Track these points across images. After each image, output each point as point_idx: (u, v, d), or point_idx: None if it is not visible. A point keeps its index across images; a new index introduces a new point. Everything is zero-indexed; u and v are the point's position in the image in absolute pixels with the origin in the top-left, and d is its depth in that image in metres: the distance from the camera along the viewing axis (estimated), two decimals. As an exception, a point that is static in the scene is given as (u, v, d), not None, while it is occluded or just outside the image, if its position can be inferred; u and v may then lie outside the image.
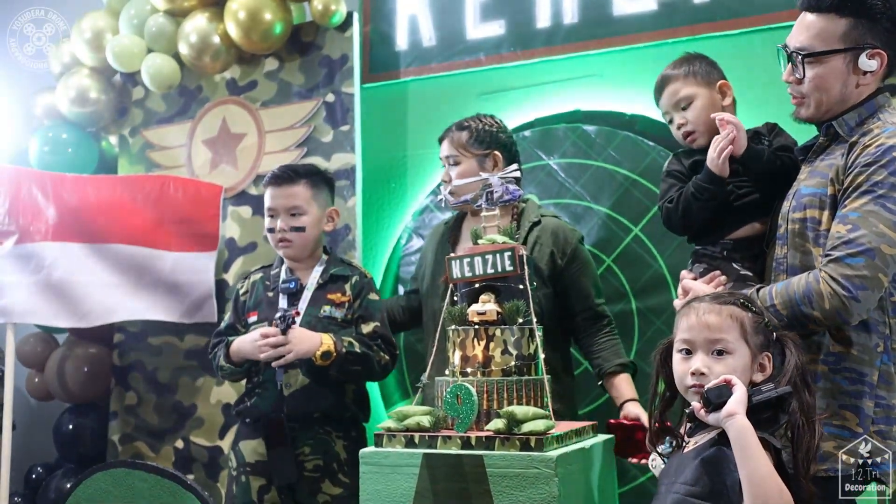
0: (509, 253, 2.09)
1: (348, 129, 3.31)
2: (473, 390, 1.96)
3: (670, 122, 2.34)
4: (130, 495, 2.36)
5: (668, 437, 1.85)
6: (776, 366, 1.73)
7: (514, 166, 2.22)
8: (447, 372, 2.10)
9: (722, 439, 1.65)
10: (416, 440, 1.96)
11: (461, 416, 1.96)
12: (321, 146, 3.35)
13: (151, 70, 3.54)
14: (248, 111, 3.52)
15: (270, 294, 2.79)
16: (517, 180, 2.23)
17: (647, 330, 2.85)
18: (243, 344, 2.67)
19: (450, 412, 1.98)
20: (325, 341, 2.59)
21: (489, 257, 2.11)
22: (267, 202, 2.81)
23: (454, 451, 1.92)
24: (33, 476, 3.89)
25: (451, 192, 2.33)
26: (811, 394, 1.71)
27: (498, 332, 2.04)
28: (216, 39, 3.44)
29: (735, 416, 1.59)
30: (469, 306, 2.10)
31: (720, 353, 1.71)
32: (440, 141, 2.75)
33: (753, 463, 1.56)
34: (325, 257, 2.84)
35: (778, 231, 2.04)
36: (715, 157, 2.15)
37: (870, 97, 1.98)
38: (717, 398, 1.62)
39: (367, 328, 2.72)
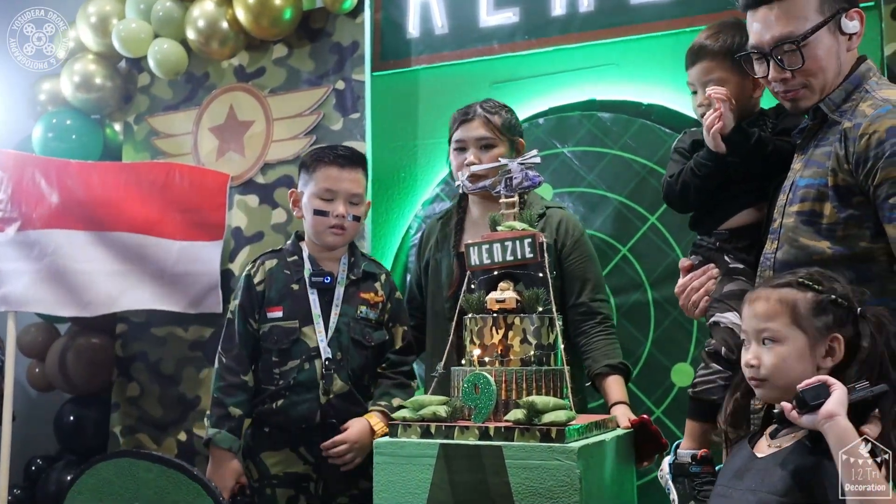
0: (529, 240, 2.04)
1: (358, 117, 3.25)
2: (492, 380, 1.91)
3: (693, 93, 2.26)
4: (135, 485, 2.31)
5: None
6: (864, 347, 1.58)
7: (535, 152, 2.16)
8: (464, 361, 2.04)
9: (814, 445, 1.53)
10: (433, 430, 1.91)
11: (479, 407, 1.91)
12: (330, 134, 3.29)
13: (158, 56, 3.48)
14: (256, 98, 3.46)
15: (296, 287, 2.58)
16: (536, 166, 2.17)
17: (663, 320, 2.79)
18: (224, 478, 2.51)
19: (467, 402, 1.93)
20: (377, 428, 2.46)
21: (508, 244, 2.05)
22: (325, 182, 2.56)
23: (472, 441, 1.87)
24: (33, 468, 3.84)
25: (468, 178, 2.27)
26: None
27: (517, 321, 1.99)
28: (224, 25, 3.38)
29: (836, 419, 1.46)
30: (487, 294, 2.05)
31: (768, 341, 1.63)
32: (462, 122, 2.58)
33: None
34: (346, 251, 2.67)
35: (772, 224, 1.96)
36: (706, 134, 2.11)
37: (852, 69, 1.89)
38: (813, 399, 1.49)
39: (398, 333, 2.63)
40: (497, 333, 1.99)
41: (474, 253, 2.09)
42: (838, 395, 1.49)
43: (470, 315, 2.04)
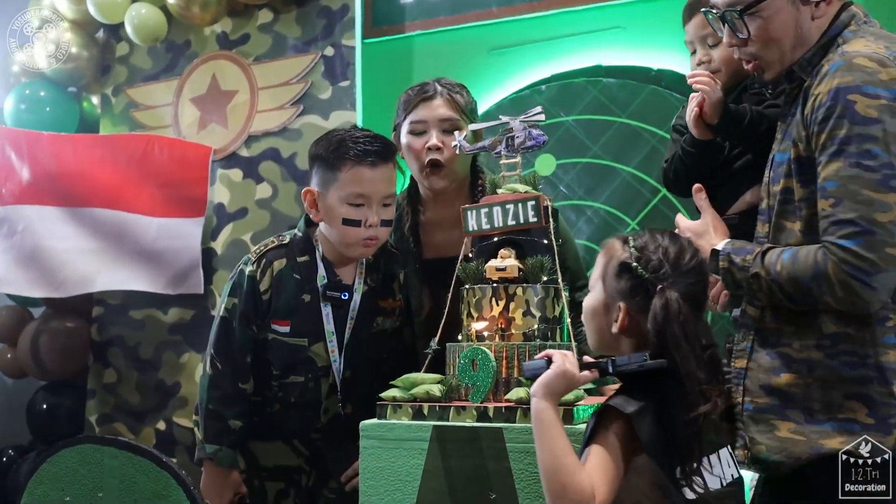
0: (533, 202, 1.85)
1: (348, 84, 3.09)
2: (492, 355, 1.73)
3: (693, 52, 2.08)
4: (99, 474, 2.14)
5: None
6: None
7: (538, 109, 1.96)
8: (461, 336, 1.86)
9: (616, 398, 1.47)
10: (425, 411, 1.74)
11: (477, 385, 1.74)
12: (319, 103, 3.13)
13: (136, 21, 3.31)
14: (240, 66, 3.29)
15: (307, 298, 2.26)
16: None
17: (675, 299, 2.63)
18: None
19: (464, 380, 1.76)
20: None
21: (510, 207, 1.86)
22: (355, 186, 2.16)
23: (469, 423, 1.70)
24: (4, 459, 3.68)
25: (465, 139, 2.08)
26: (690, 361, 1.42)
27: (519, 292, 1.80)
28: (206, -12, 3.21)
29: (532, 398, 1.49)
30: (486, 262, 1.86)
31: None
32: (422, 101, 2.31)
33: (540, 446, 1.46)
34: None
35: (761, 205, 1.78)
36: (688, 119, 1.95)
37: (834, 18, 1.66)
38: (529, 372, 1.53)
39: (408, 336, 2.39)
40: (497, 305, 1.81)
41: (472, 217, 1.90)
42: (544, 376, 1.49)
43: (467, 285, 1.86)
